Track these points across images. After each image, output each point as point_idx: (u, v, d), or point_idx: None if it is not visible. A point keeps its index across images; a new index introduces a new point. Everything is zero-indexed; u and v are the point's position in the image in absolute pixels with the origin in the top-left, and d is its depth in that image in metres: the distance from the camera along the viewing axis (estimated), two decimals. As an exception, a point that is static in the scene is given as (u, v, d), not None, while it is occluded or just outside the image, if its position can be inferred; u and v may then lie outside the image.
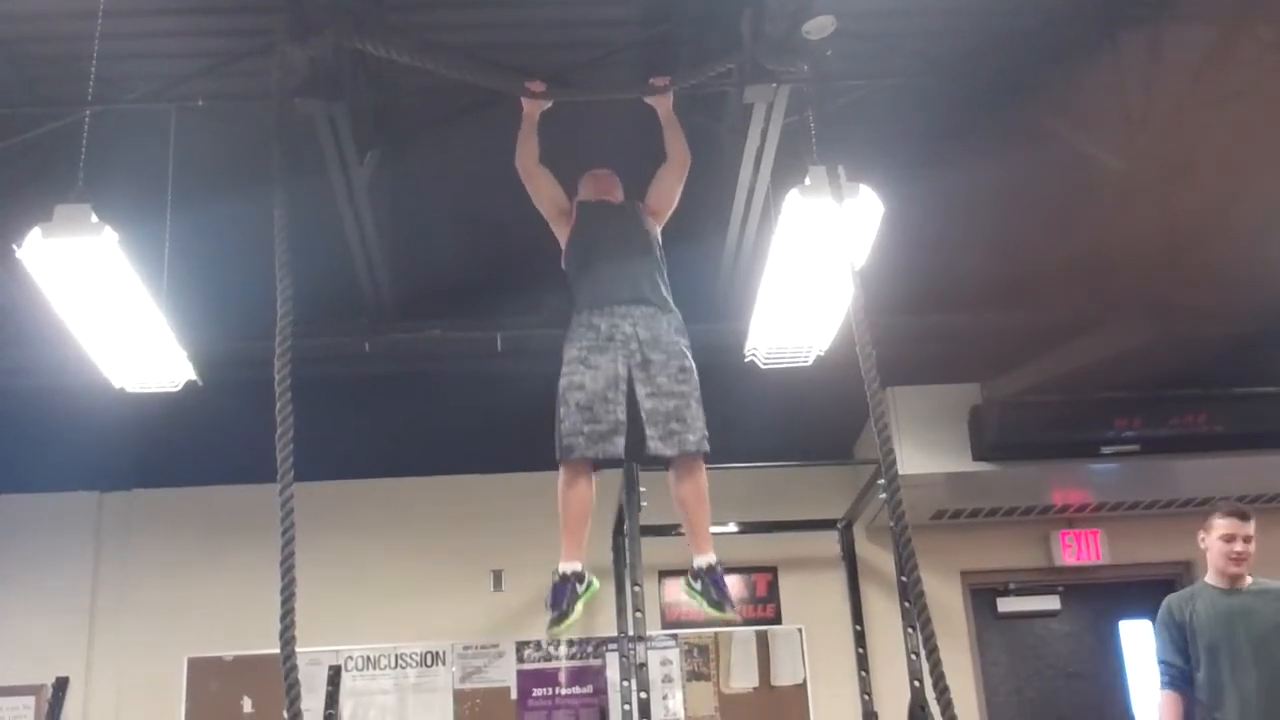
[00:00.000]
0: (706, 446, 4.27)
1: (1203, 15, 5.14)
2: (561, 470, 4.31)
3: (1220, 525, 5.02)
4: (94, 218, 4.47)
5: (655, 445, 4.24)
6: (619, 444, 4.23)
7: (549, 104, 4.71)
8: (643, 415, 4.26)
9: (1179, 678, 5.00)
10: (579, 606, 4.24)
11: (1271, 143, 5.57)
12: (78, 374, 5.85)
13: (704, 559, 4.32)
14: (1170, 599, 5.18)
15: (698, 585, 4.34)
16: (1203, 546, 5.11)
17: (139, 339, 5.35)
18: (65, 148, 4.84)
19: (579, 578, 4.26)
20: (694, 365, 4.37)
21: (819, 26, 4.27)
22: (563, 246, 4.75)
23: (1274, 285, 6.19)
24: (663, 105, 4.74)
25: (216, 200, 5.64)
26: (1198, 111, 5.44)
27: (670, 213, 4.82)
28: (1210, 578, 5.10)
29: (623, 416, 4.24)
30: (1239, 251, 6.10)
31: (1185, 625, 5.01)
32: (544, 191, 4.76)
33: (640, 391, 4.27)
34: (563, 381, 4.33)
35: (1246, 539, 4.96)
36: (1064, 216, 6.22)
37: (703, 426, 4.28)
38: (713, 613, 4.32)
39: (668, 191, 4.79)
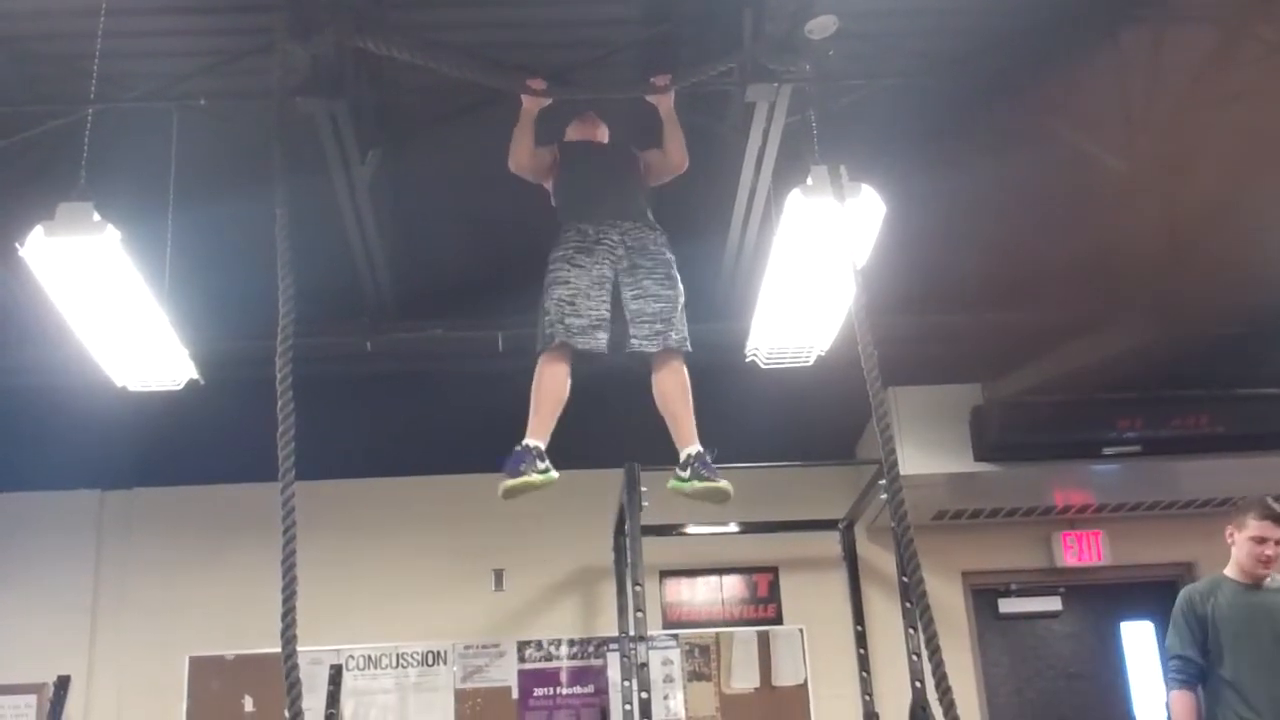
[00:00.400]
0: (688, 347, 4.41)
1: (1204, 16, 5.14)
2: (540, 358, 4.41)
3: (1253, 526, 4.88)
4: (96, 216, 4.48)
5: (639, 343, 4.37)
6: (601, 339, 4.35)
7: (548, 101, 4.72)
8: (627, 315, 4.38)
9: (1194, 675, 4.84)
10: (536, 478, 4.27)
11: (1273, 143, 5.57)
12: (79, 372, 5.85)
13: (691, 448, 4.37)
14: (1190, 590, 5.04)
15: (686, 473, 4.36)
16: (1229, 541, 4.98)
17: (141, 337, 5.35)
18: (67, 146, 4.85)
19: (540, 454, 4.32)
20: (679, 277, 4.49)
21: (821, 26, 4.27)
22: (548, 185, 4.83)
23: (1276, 285, 6.18)
24: (664, 104, 4.75)
25: (218, 199, 5.64)
26: (1199, 112, 5.43)
27: (660, 182, 4.93)
28: (1231, 571, 4.98)
29: (605, 314, 4.37)
30: (1240, 252, 6.10)
31: (1207, 619, 4.86)
32: (539, 164, 4.82)
33: (626, 294, 4.40)
34: (547, 278, 4.44)
35: (1278, 542, 4.85)
36: (1065, 216, 6.22)
37: (685, 330, 4.42)
38: (701, 485, 4.32)
39: (658, 174, 4.88)
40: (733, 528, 7.57)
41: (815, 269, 5.12)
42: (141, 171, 5.41)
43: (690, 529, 7.54)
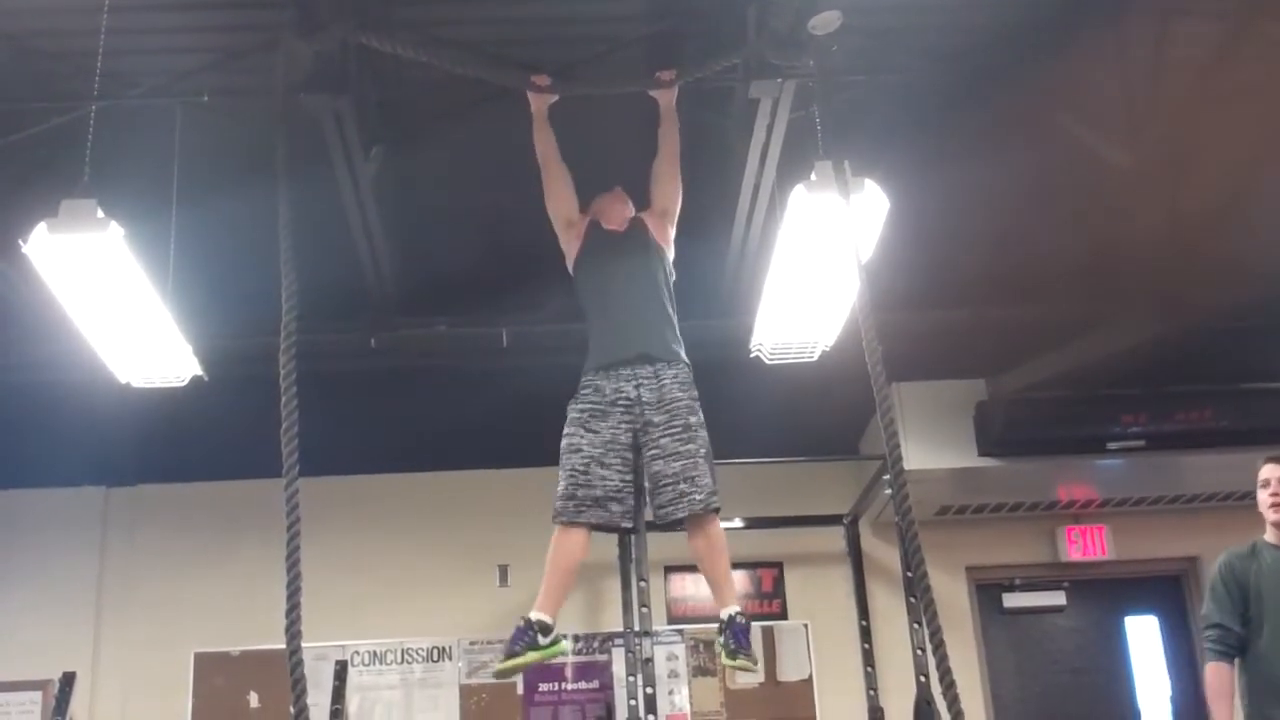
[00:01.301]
0: (716, 503, 4.22)
1: (1209, 10, 5.12)
2: (556, 528, 4.31)
3: (1261, 472, 4.71)
4: (100, 213, 4.48)
5: (665, 511, 4.23)
6: (614, 510, 4.24)
7: (555, 98, 4.71)
8: (647, 479, 4.27)
9: (1233, 645, 4.50)
10: (532, 655, 4.20)
11: (1277, 138, 5.56)
12: (83, 369, 5.86)
13: (726, 610, 4.27)
14: (1229, 554, 4.74)
15: (721, 638, 4.29)
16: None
17: (144, 334, 5.36)
18: (71, 143, 4.84)
19: (544, 629, 4.23)
20: (701, 419, 4.31)
21: (825, 22, 4.26)
22: (567, 257, 4.73)
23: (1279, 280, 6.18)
24: (665, 99, 4.74)
25: (222, 195, 5.64)
26: (1203, 107, 5.42)
27: (678, 207, 4.79)
28: (1268, 534, 4.77)
29: (619, 483, 4.25)
30: (1245, 247, 6.10)
31: (1248, 585, 4.55)
32: (558, 193, 4.74)
33: (646, 455, 4.26)
34: (563, 442, 4.33)
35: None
36: (1070, 212, 6.22)
37: (711, 483, 4.21)
38: (728, 662, 4.27)
39: (668, 186, 4.76)
40: (737, 523, 7.57)
41: (819, 264, 5.12)
42: (145, 168, 5.41)
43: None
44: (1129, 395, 7.20)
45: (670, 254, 4.70)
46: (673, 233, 4.75)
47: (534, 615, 4.24)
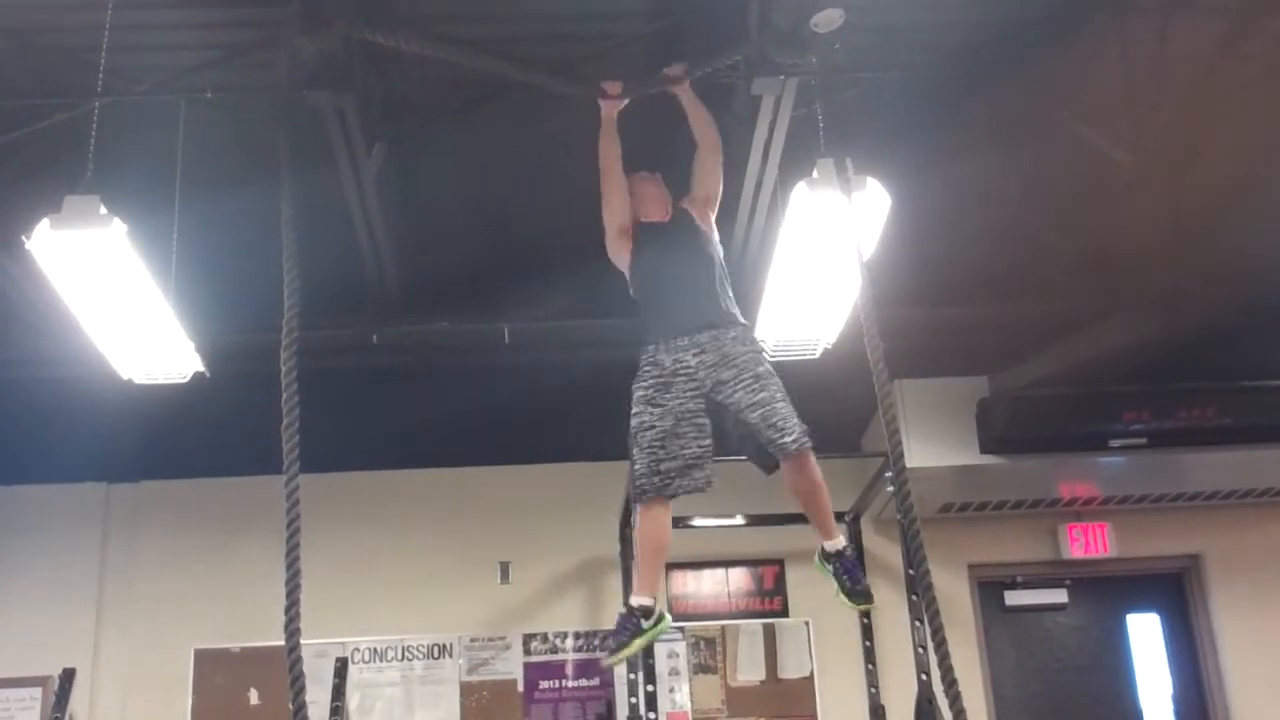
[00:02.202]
0: (808, 441, 4.21)
1: (1211, 6, 5.12)
2: (638, 509, 4.28)
3: None
4: (103, 209, 4.48)
5: (759, 460, 4.29)
6: (698, 477, 4.20)
7: (625, 104, 4.68)
8: (735, 436, 4.27)
9: None
10: (638, 642, 4.21)
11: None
12: (85, 365, 5.86)
13: (832, 544, 4.35)
14: None
15: (830, 568, 4.36)
16: None
17: (147, 330, 5.36)
18: (74, 139, 4.84)
19: (646, 613, 4.23)
20: (769, 369, 4.31)
21: (827, 19, 4.26)
22: (620, 260, 4.70)
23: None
24: (684, 92, 4.72)
25: (225, 192, 5.64)
26: (1206, 103, 5.42)
27: (720, 194, 4.80)
28: None
29: (697, 449, 4.21)
30: (1248, 243, 6.09)
31: None
32: (617, 201, 4.69)
33: (727, 414, 4.25)
34: (633, 423, 4.30)
35: None
36: (1072, 209, 6.21)
37: (797, 422, 4.20)
38: (852, 604, 4.33)
39: (710, 175, 4.74)
40: (739, 520, 7.57)
41: (821, 262, 5.12)
42: (148, 164, 5.41)
43: (696, 522, 7.54)
44: (1131, 392, 7.20)
45: (716, 236, 4.71)
46: (713, 216, 4.75)
47: (635, 601, 4.25)
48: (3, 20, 4.97)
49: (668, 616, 4.32)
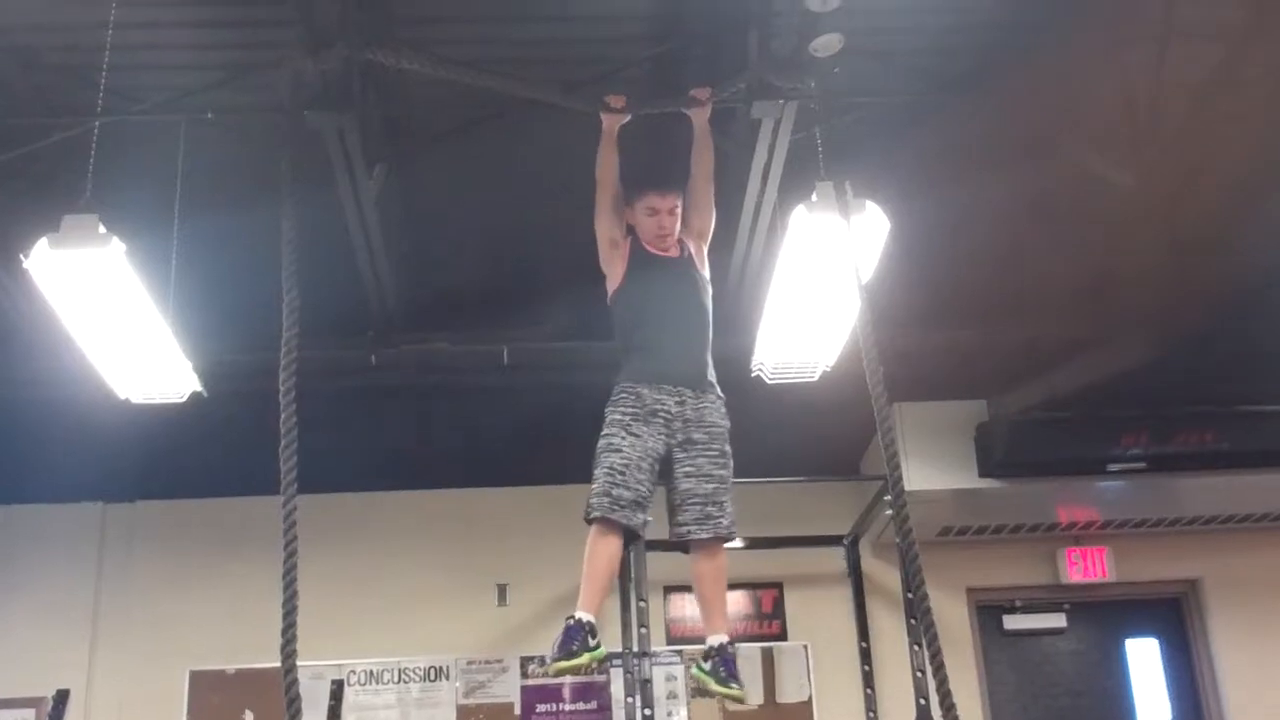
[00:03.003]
0: (735, 531, 4.25)
1: (1208, 33, 5.13)
2: (591, 529, 4.29)
3: None
4: (102, 228, 4.48)
5: (688, 529, 4.23)
6: (639, 518, 4.21)
7: (627, 119, 4.68)
8: (675, 495, 4.26)
9: None
10: (586, 656, 4.15)
11: (1278, 157, 5.57)
12: (83, 385, 5.85)
13: (716, 638, 4.30)
14: None
15: (707, 665, 4.31)
16: None
17: (145, 350, 5.36)
18: (73, 158, 4.86)
19: (592, 630, 4.20)
20: (730, 451, 4.31)
21: (826, 44, 4.27)
22: (610, 274, 4.63)
23: (1281, 303, 6.18)
24: (700, 118, 4.70)
25: (224, 212, 5.65)
26: (1204, 128, 5.43)
27: (712, 227, 4.78)
28: None
29: (647, 491, 4.22)
30: (1246, 268, 6.09)
31: None
32: (610, 213, 4.63)
33: (678, 470, 4.24)
34: (601, 442, 4.29)
35: None
36: (1071, 233, 6.22)
37: (733, 512, 4.24)
38: (719, 689, 4.27)
39: (705, 208, 4.70)
40: (737, 543, 7.51)
41: (820, 285, 5.13)
42: (148, 184, 5.42)
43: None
44: (1130, 417, 7.19)
45: (708, 275, 4.69)
46: (706, 250, 4.72)
47: (581, 615, 4.21)
48: (4, 39, 4.98)
49: (602, 646, 4.27)
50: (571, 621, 4.19)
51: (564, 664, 4.14)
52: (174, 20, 4.95)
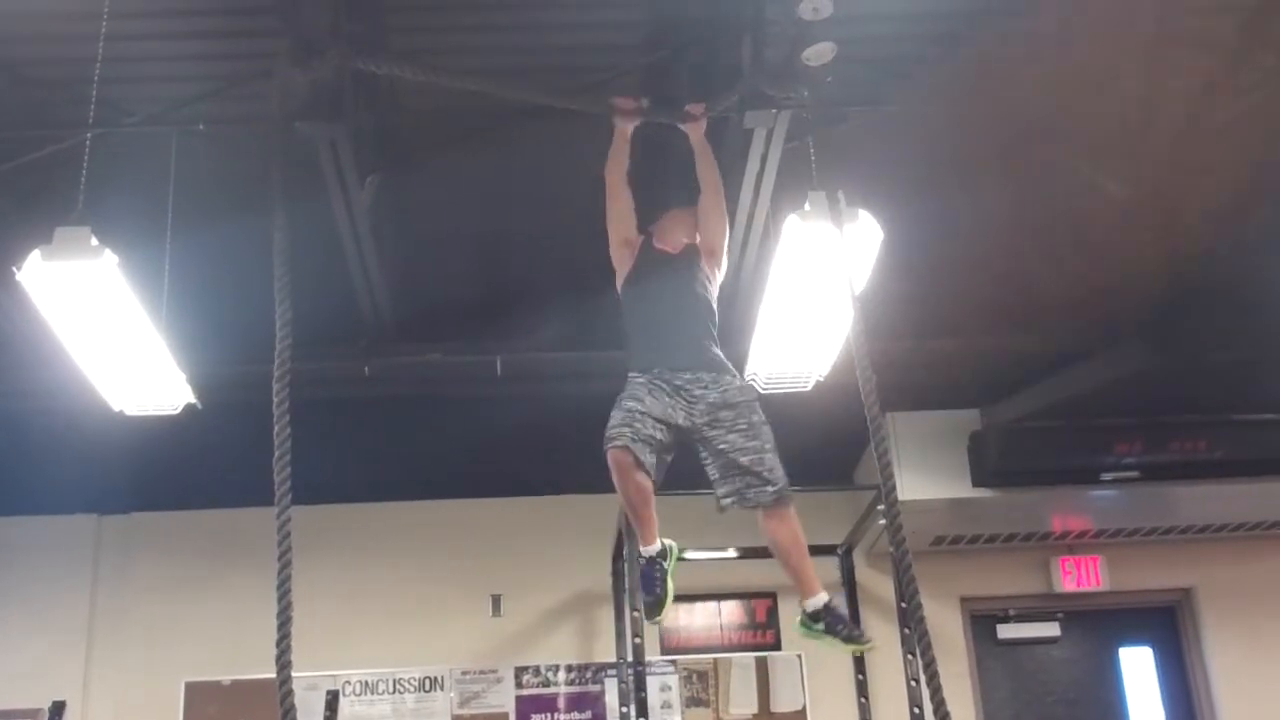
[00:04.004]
0: (789, 493, 4.29)
1: (1202, 43, 5.15)
2: (612, 464, 4.24)
3: None
4: (94, 240, 4.48)
5: (736, 500, 4.29)
6: (651, 460, 4.21)
7: (639, 122, 4.70)
8: (715, 471, 4.31)
9: None
10: (670, 585, 4.29)
11: (1272, 168, 5.58)
12: (76, 397, 5.84)
13: (816, 600, 4.33)
14: None
15: (820, 626, 4.33)
16: None
17: (138, 362, 5.35)
18: (65, 170, 4.85)
19: (662, 555, 4.34)
20: (764, 418, 4.35)
21: (819, 53, 4.27)
22: (619, 273, 4.73)
23: (1274, 310, 6.19)
24: (695, 133, 4.74)
25: (217, 223, 5.64)
26: (1197, 138, 5.45)
27: (726, 242, 4.83)
28: None
29: (659, 445, 4.23)
30: (1239, 277, 6.11)
31: None
32: (622, 215, 4.72)
33: (713, 448, 4.30)
34: (624, 393, 4.34)
35: None
36: (1064, 242, 6.23)
37: (781, 474, 4.27)
38: (850, 647, 4.40)
39: (717, 224, 4.77)
40: (731, 553, 7.55)
41: (813, 294, 5.13)
42: (140, 196, 5.41)
43: (689, 555, 7.49)
44: (1124, 425, 7.20)
45: (716, 287, 4.74)
46: (720, 272, 4.79)
47: (646, 551, 4.35)
48: (-5, 52, 4.99)
49: (674, 544, 4.42)
50: (643, 561, 4.35)
51: (658, 613, 4.43)
52: (165, 32, 4.95)
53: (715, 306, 4.67)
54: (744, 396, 4.39)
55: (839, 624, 4.33)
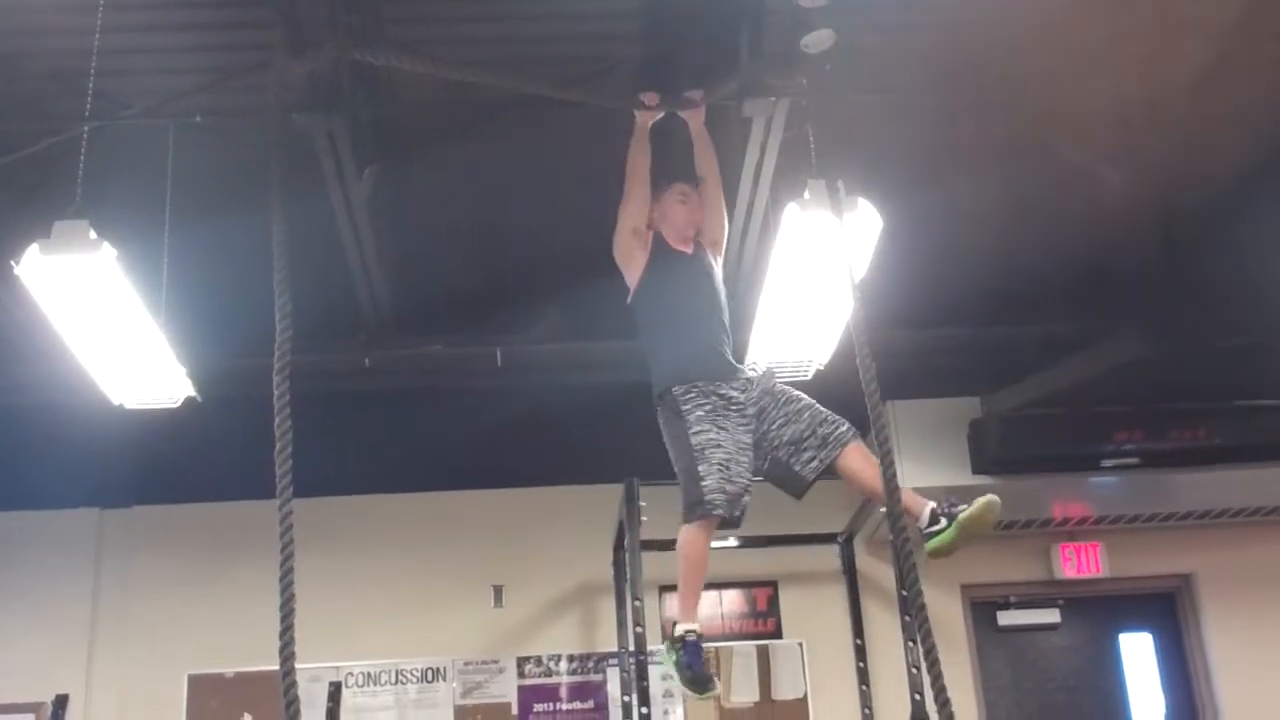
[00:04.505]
0: (855, 430, 4.32)
1: (1201, 31, 5.14)
2: (692, 527, 4.27)
3: None
4: (92, 234, 4.46)
5: (817, 463, 4.30)
6: (743, 506, 4.26)
7: (661, 115, 4.70)
8: (784, 451, 4.32)
9: None
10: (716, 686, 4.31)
11: (1270, 156, 5.58)
12: (77, 391, 5.85)
13: (928, 507, 4.30)
14: None
15: (941, 523, 4.27)
16: None
17: (138, 355, 5.34)
18: (63, 164, 4.84)
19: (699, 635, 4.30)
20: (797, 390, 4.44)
21: (818, 40, 4.27)
22: (631, 264, 4.70)
23: (1273, 298, 6.19)
24: (695, 121, 4.74)
25: (215, 216, 5.64)
26: (1196, 126, 5.45)
27: (726, 236, 4.86)
28: None
29: (747, 482, 4.27)
30: (1238, 265, 6.11)
31: None
32: (638, 202, 4.69)
33: (773, 434, 4.34)
34: (698, 439, 4.27)
35: None
36: (1064, 229, 6.23)
37: (841, 419, 4.31)
38: (968, 513, 4.29)
39: (717, 215, 4.80)
40: (732, 542, 7.55)
41: (814, 283, 5.13)
42: (138, 189, 5.41)
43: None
44: (1124, 413, 7.20)
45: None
46: (720, 260, 4.84)
47: (693, 627, 4.31)
48: (-9, 45, 4.98)
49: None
50: (692, 638, 4.27)
51: (712, 689, 4.38)
52: (162, 24, 4.94)
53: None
54: (766, 379, 4.49)
55: (946, 517, 4.28)
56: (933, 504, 4.27)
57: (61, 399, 6.42)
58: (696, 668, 4.23)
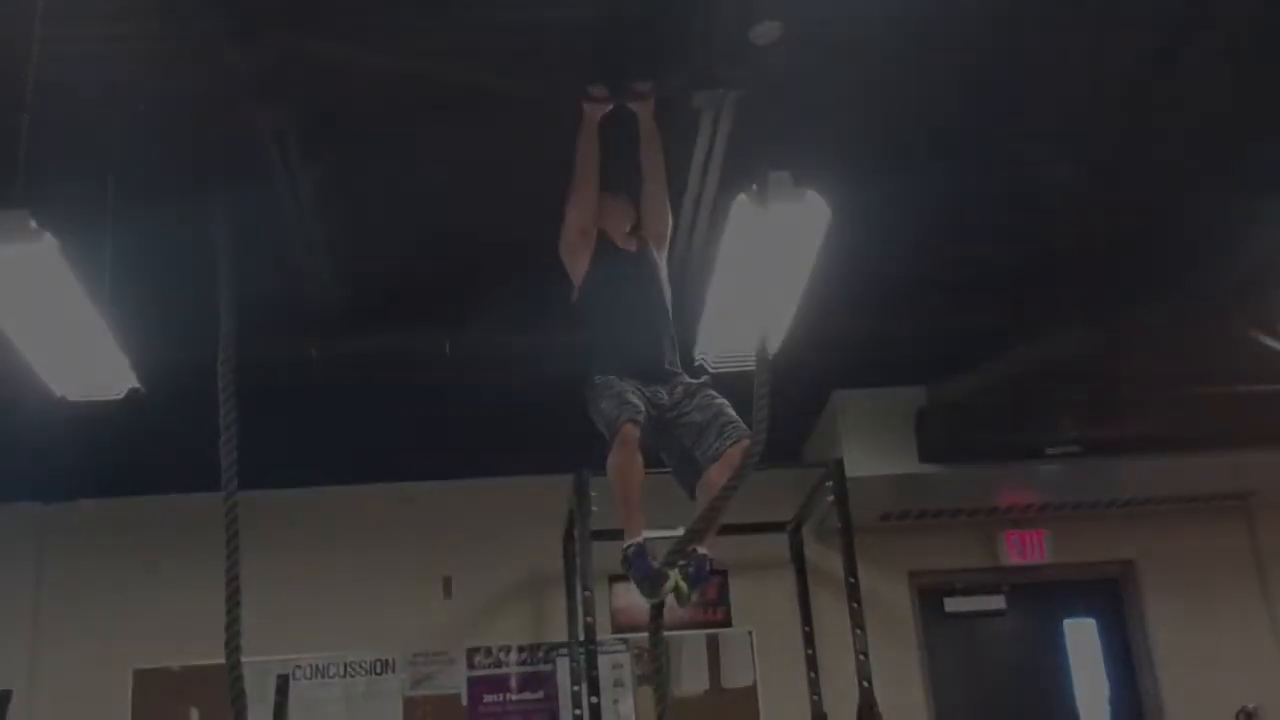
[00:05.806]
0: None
1: (1146, 23, 5.19)
2: (614, 450, 4.29)
3: None
4: (33, 224, 4.41)
5: (716, 447, 4.37)
6: (644, 412, 4.32)
7: (609, 108, 4.69)
8: (687, 439, 4.41)
9: None
10: (673, 577, 4.26)
11: (1212, 149, 5.65)
12: (18, 383, 5.76)
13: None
14: None
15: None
16: None
17: (81, 347, 5.28)
18: (3, 153, 4.77)
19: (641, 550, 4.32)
20: (716, 394, 4.49)
21: (766, 32, 4.29)
22: (576, 263, 4.73)
23: (1214, 289, 6.28)
24: (645, 112, 4.74)
25: (160, 206, 5.57)
26: (1141, 117, 5.50)
27: (670, 232, 4.88)
28: None
29: (649, 416, 4.34)
30: (1180, 257, 6.19)
31: None
32: (586, 201, 4.71)
33: (679, 426, 4.43)
34: (595, 394, 4.39)
35: None
36: (1009, 220, 6.28)
37: (746, 427, 4.35)
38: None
39: (660, 210, 4.82)
40: (680, 532, 7.57)
41: (762, 274, 5.13)
42: (81, 178, 5.34)
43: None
44: (1067, 401, 7.29)
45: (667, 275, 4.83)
46: (665, 255, 4.87)
47: (637, 540, 4.31)
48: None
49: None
50: (632, 550, 4.28)
51: (678, 591, 4.34)
52: (105, 12, 4.87)
53: (669, 297, 4.75)
54: (696, 381, 4.55)
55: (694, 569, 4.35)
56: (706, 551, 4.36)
57: (2, 392, 6.32)
58: (643, 570, 4.25)
